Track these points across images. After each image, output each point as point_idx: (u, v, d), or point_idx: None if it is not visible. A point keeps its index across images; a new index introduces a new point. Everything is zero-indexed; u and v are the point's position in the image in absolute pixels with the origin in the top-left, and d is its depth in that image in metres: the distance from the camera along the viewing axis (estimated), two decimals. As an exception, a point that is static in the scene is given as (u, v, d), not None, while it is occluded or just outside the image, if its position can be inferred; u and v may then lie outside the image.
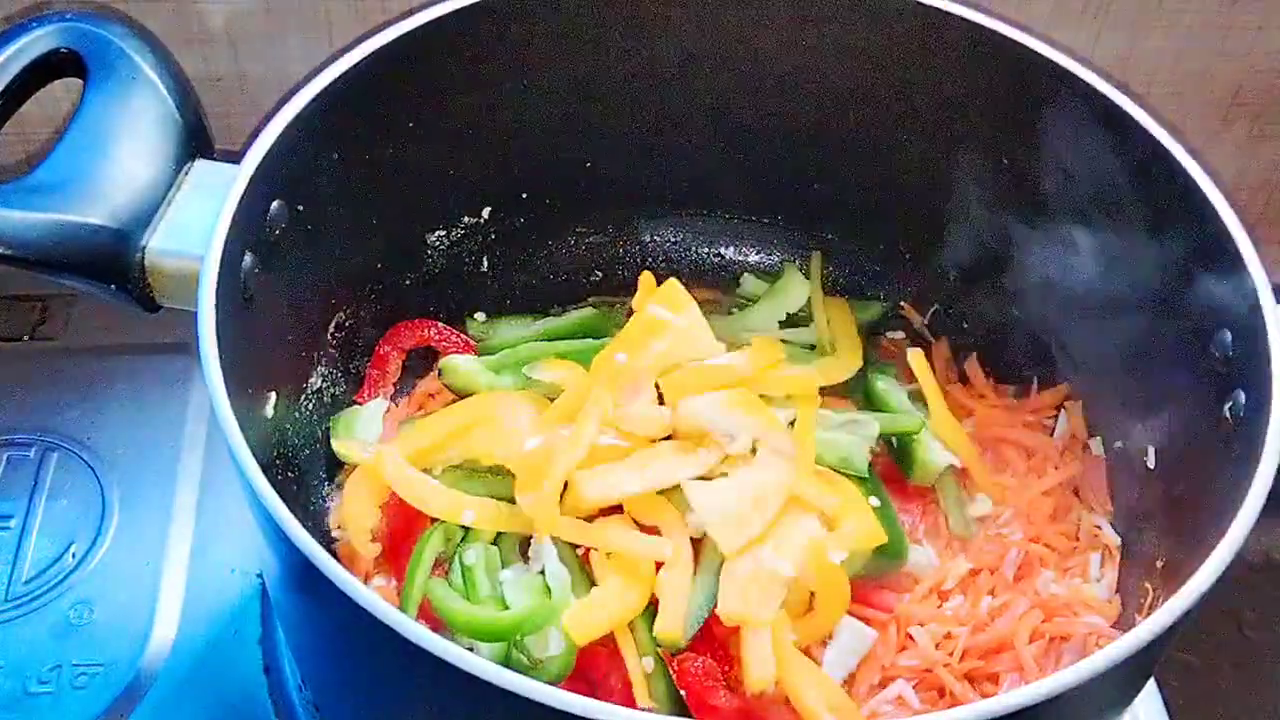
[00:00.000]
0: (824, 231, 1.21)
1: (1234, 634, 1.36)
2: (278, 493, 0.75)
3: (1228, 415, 0.86)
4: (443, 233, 1.14)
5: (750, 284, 1.21)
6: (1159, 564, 0.95)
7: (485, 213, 1.16)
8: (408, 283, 1.13)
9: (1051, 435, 1.12)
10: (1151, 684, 1.08)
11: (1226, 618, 1.36)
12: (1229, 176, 1.40)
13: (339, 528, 1.02)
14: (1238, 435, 0.85)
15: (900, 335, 1.20)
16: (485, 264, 1.18)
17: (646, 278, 1.13)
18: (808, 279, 1.19)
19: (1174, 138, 0.93)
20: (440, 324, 1.15)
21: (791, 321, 1.18)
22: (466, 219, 1.15)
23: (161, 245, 0.88)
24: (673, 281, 1.10)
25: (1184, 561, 0.82)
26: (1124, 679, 0.80)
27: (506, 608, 0.93)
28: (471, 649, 0.90)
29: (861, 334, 1.16)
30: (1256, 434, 0.80)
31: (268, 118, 0.90)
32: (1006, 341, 1.15)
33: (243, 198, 0.86)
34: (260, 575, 1.10)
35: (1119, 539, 1.05)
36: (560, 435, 0.99)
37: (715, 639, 0.92)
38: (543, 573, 0.95)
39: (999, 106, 1.04)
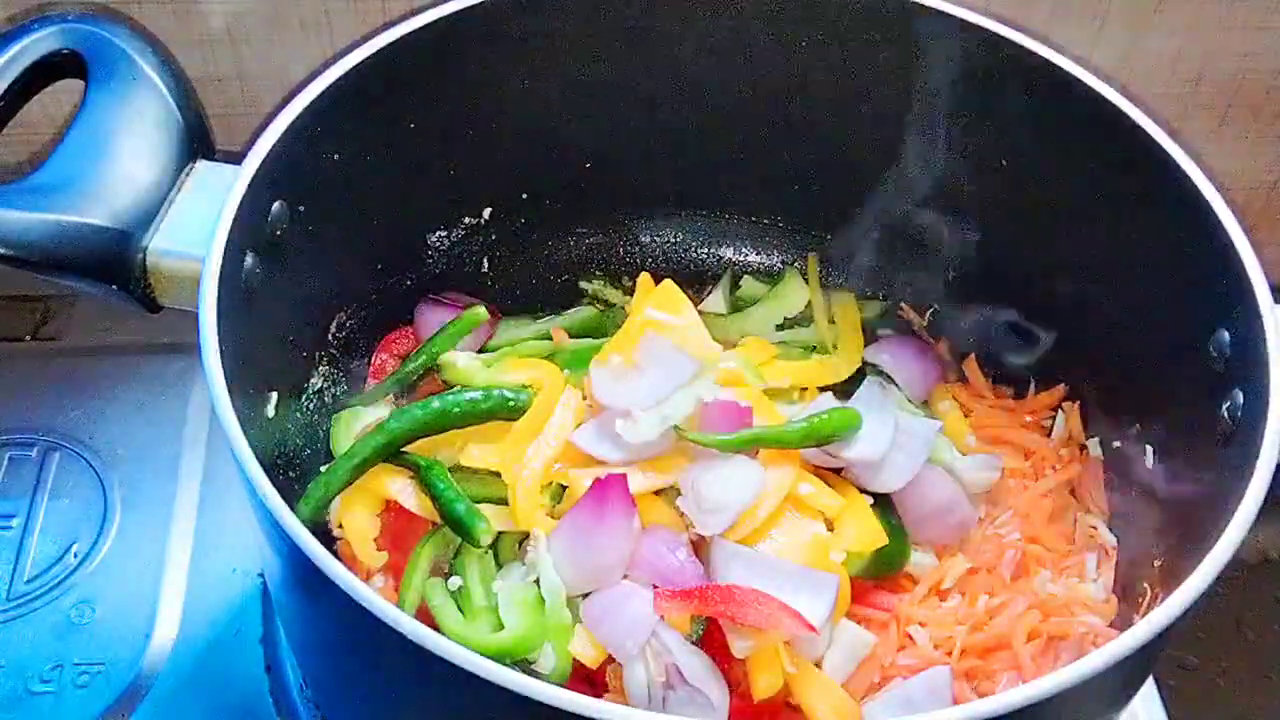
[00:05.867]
0: (822, 232, 1.21)
1: (1234, 634, 1.36)
2: (279, 492, 0.75)
3: (1226, 415, 0.86)
4: (443, 233, 1.15)
5: (749, 286, 1.21)
6: (1156, 564, 0.96)
7: (486, 213, 1.16)
8: (409, 283, 1.14)
9: (1049, 436, 1.12)
10: (1151, 684, 1.08)
11: (1226, 618, 1.36)
12: (1228, 177, 1.40)
13: (339, 527, 1.02)
14: (1236, 435, 0.85)
15: (890, 332, 1.20)
16: (486, 264, 1.19)
17: (645, 279, 1.13)
18: (807, 283, 1.20)
19: (1173, 138, 0.93)
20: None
21: (791, 324, 1.18)
22: (467, 219, 1.15)
23: (163, 246, 0.88)
24: (669, 283, 1.10)
25: (1182, 561, 0.82)
26: (1122, 679, 0.80)
27: (501, 625, 0.93)
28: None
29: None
30: (1254, 433, 0.80)
31: (269, 118, 0.90)
32: (1005, 342, 1.15)
33: (244, 199, 0.86)
34: (261, 575, 1.10)
35: (1115, 539, 1.05)
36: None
37: (717, 639, 0.92)
38: (538, 582, 0.95)
39: (997, 108, 1.04)
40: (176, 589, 1.09)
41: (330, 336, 1.06)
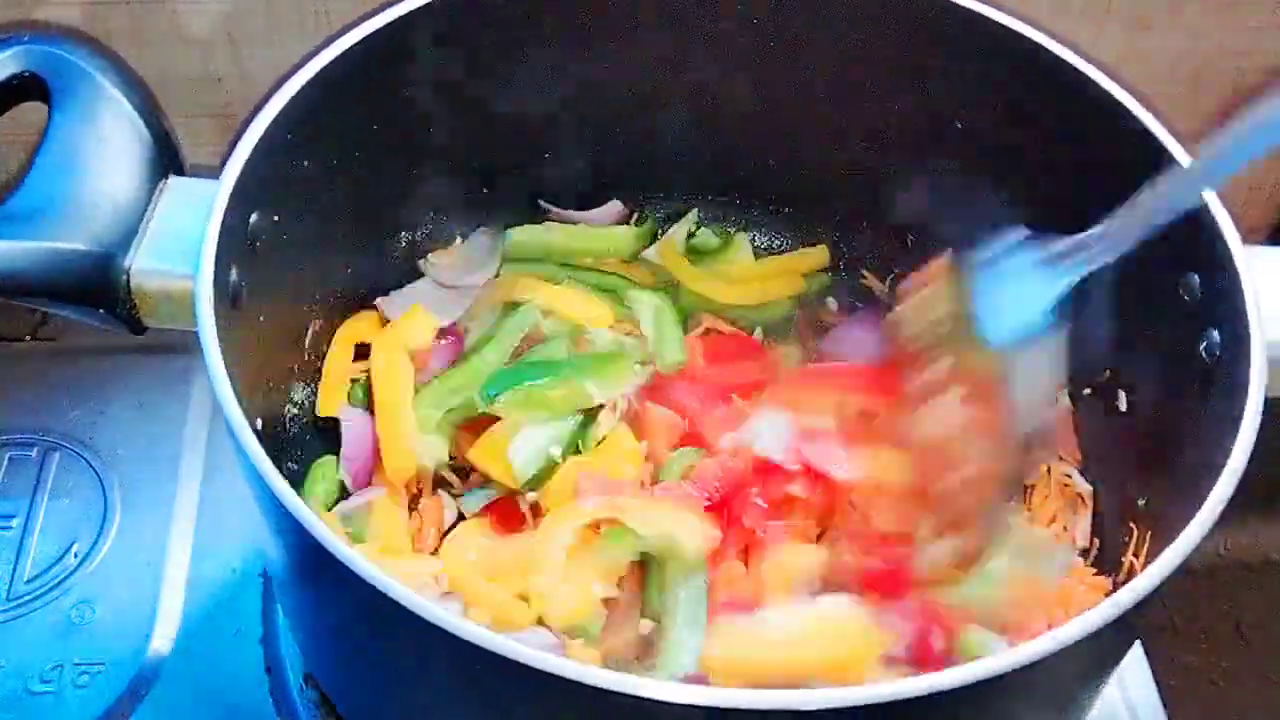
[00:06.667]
0: (786, 205, 1.22)
1: (1233, 634, 1.36)
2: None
3: (1203, 353, 0.88)
4: (409, 234, 1.14)
5: (703, 237, 1.23)
6: (1140, 502, 0.96)
7: (454, 213, 1.16)
8: (374, 285, 1.13)
9: None
10: (1151, 684, 1.08)
11: (1226, 618, 1.37)
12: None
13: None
14: (1216, 373, 0.86)
15: (835, 308, 1.20)
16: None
17: None
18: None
19: (1171, 134, 0.93)
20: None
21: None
22: (442, 218, 1.16)
23: (145, 265, 0.87)
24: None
25: (1170, 497, 0.84)
26: (1114, 635, 0.78)
27: None
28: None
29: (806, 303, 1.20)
30: (1237, 370, 0.81)
31: (240, 130, 0.89)
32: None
33: (226, 212, 0.85)
34: (262, 575, 1.10)
35: (1090, 486, 1.06)
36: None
37: None
38: None
39: (954, 66, 1.04)
40: (176, 589, 1.09)
41: (305, 346, 1.05)
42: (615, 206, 1.21)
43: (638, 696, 0.65)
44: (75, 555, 1.11)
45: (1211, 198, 0.88)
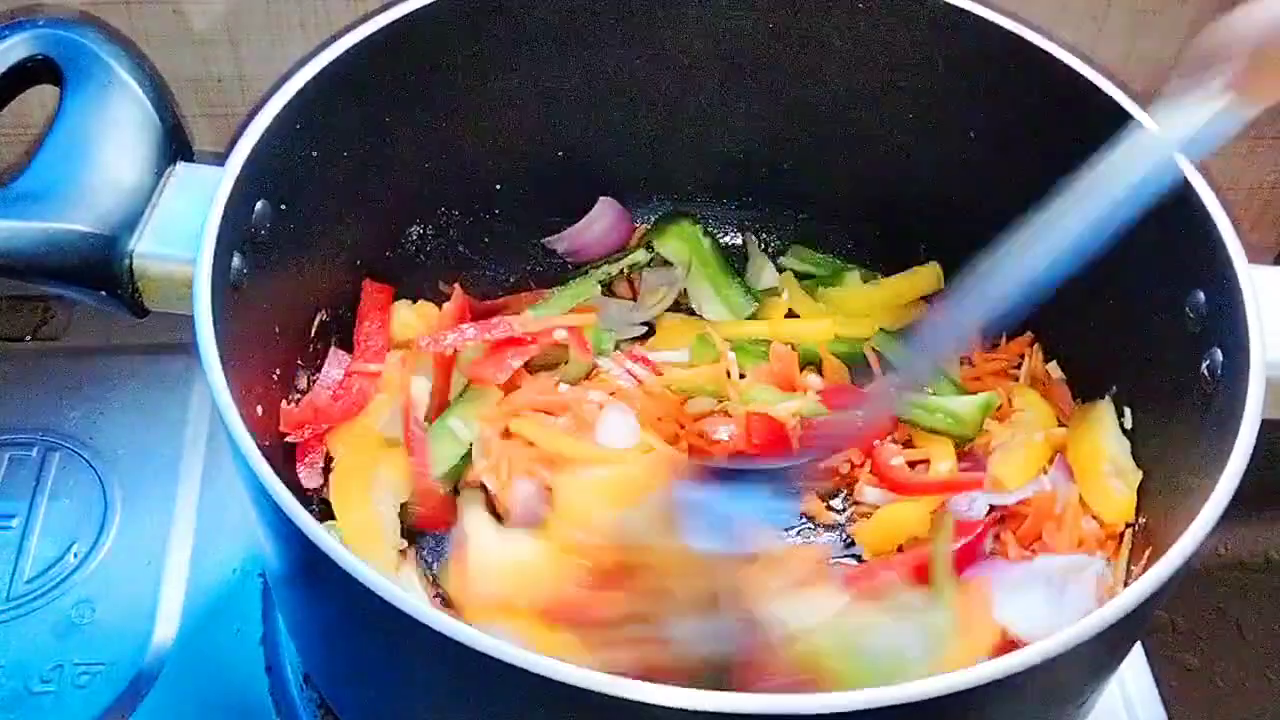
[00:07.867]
0: (798, 213, 1.22)
1: (1233, 635, 1.36)
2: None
3: (1206, 372, 0.88)
4: (419, 227, 1.14)
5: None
6: (1142, 520, 0.97)
7: (466, 207, 1.16)
8: (384, 278, 1.12)
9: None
10: (1150, 684, 1.08)
11: (1226, 618, 1.37)
12: (1228, 177, 1.40)
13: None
14: (1217, 392, 0.86)
15: None
16: (470, 257, 1.18)
17: None
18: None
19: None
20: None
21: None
22: (452, 213, 1.15)
23: (149, 249, 0.87)
24: None
25: (1167, 518, 0.85)
26: (1113, 641, 0.79)
27: None
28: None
29: None
30: (1237, 389, 0.81)
31: (248, 118, 0.90)
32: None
33: (229, 199, 0.85)
34: (262, 575, 1.10)
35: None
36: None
37: None
38: None
39: (990, 96, 1.05)
40: (176, 589, 1.09)
41: (310, 337, 1.05)
42: (610, 205, 1.21)
43: (633, 700, 0.65)
44: (75, 555, 1.11)
45: (1219, 214, 0.87)
